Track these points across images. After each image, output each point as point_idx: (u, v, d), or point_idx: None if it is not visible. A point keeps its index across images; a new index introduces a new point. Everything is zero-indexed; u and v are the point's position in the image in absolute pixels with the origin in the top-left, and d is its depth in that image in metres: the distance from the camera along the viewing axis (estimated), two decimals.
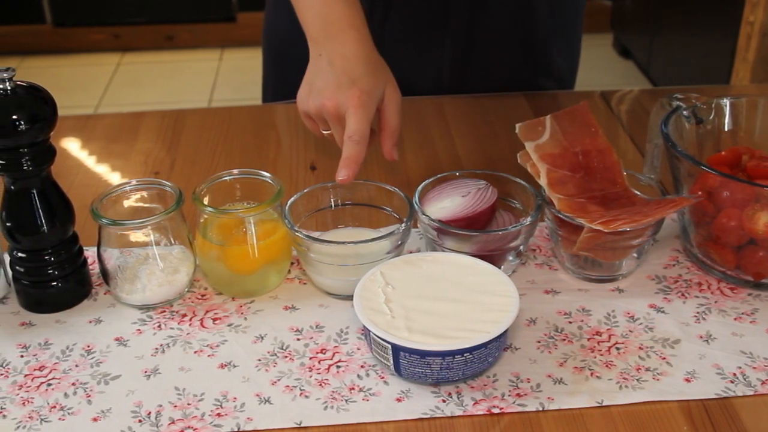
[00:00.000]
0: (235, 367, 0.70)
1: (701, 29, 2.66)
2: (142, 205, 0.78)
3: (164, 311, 0.76)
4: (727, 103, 0.87)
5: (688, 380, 0.68)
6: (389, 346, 0.65)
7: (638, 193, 0.79)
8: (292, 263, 0.81)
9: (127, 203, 0.78)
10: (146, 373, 0.70)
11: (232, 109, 1.14)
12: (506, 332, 0.67)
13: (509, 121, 0.90)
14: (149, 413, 0.66)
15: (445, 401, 0.66)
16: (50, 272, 0.75)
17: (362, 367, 0.70)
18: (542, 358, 0.71)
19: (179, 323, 0.75)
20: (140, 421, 0.65)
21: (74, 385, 0.68)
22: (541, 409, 0.66)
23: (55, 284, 0.76)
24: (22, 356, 0.71)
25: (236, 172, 0.80)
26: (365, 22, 0.85)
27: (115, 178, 0.99)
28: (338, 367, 0.70)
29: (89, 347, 0.72)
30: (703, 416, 0.65)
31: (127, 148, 1.04)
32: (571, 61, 1.21)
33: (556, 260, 0.82)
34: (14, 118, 0.68)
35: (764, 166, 0.78)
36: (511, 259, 0.78)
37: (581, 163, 0.79)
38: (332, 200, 0.82)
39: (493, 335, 0.65)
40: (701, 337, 0.73)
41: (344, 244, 0.75)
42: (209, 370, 0.70)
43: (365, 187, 0.82)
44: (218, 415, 0.65)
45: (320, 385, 0.68)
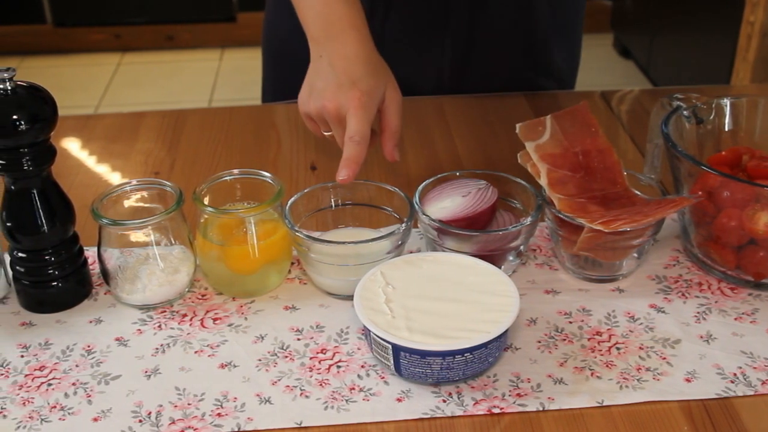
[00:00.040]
0: (235, 367, 0.70)
1: (701, 29, 2.66)
2: (142, 205, 0.78)
3: (164, 311, 0.76)
4: (727, 103, 0.87)
5: (688, 380, 0.68)
6: (390, 346, 0.65)
7: (638, 193, 0.79)
8: (292, 263, 0.81)
9: (127, 203, 0.78)
10: (146, 373, 0.70)
11: (232, 109, 1.14)
12: (507, 332, 0.67)
13: (509, 121, 0.90)
14: (149, 413, 0.66)
15: (445, 401, 0.66)
16: (50, 272, 0.75)
17: (362, 367, 0.70)
18: (542, 358, 0.71)
19: (179, 323, 0.75)
20: (140, 421, 0.65)
21: (74, 385, 0.68)
22: (541, 409, 0.66)
23: (55, 284, 0.76)
24: (22, 356, 0.72)
25: (236, 172, 0.80)
26: (366, 22, 0.85)
27: (115, 178, 0.99)
28: (339, 367, 0.70)
29: (89, 347, 0.72)
30: (703, 416, 0.65)
31: (127, 148, 1.04)
32: (571, 61, 1.21)
33: (556, 260, 0.82)
34: (14, 118, 0.68)
35: (764, 166, 0.78)
36: (511, 259, 0.78)
37: (581, 163, 0.79)
38: (332, 200, 0.82)
39: (493, 335, 0.65)
40: (701, 337, 0.73)
41: (344, 244, 0.75)
42: (210, 370, 0.70)
43: (365, 187, 0.82)
44: (218, 415, 0.65)
45: (320, 385, 0.68)
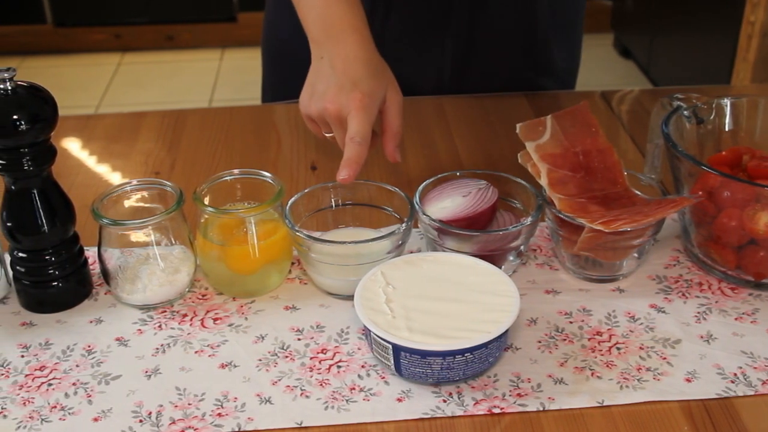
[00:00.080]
0: (235, 367, 0.70)
1: (702, 29, 2.66)
2: (142, 205, 0.78)
3: (165, 311, 0.76)
4: (727, 103, 0.87)
5: (688, 380, 0.68)
6: (390, 346, 0.65)
7: (639, 193, 0.79)
8: (292, 263, 0.81)
9: (127, 203, 0.78)
10: (147, 373, 0.70)
11: (232, 109, 1.14)
12: (507, 332, 0.67)
13: (510, 121, 0.90)
14: (150, 413, 0.66)
15: (445, 401, 0.66)
16: (51, 272, 0.75)
17: (363, 367, 0.70)
18: (543, 358, 0.71)
19: (180, 323, 0.75)
20: (141, 421, 0.65)
21: (75, 385, 0.68)
22: (541, 409, 0.66)
23: (55, 284, 0.76)
24: (22, 356, 0.72)
25: (237, 172, 0.80)
26: (366, 23, 0.85)
27: (115, 178, 0.99)
28: (339, 367, 0.70)
29: (90, 347, 0.72)
30: (703, 416, 0.65)
31: (127, 148, 1.04)
32: (571, 61, 1.21)
33: (556, 260, 0.82)
34: (15, 118, 0.68)
35: (765, 166, 0.78)
36: (511, 259, 0.78)
37: (582, 163, 0.79)
38: (333, 200, 0.82)
39: (493, 335, 0.65)
40: (702, 337, 0.73)
41: (345, 244, 0.75)
42: (210, 370, 0.70)
43: (366, 187, 0.82)
44: (219, 415, 0.65)
45: (321, 385, 0.68)
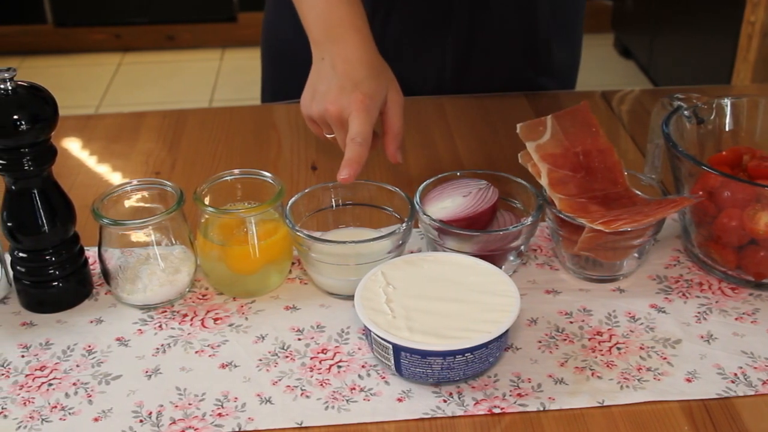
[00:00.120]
0: (236, 367, 0.70)
1: (702, 29, 2.66)
2: (143, 205, 0.78)
3: (165, 311, 0.76)
4: (728, 103, 0.87)
5: (689, 380, 0.68)
6: (390, 346, 0.65)
7: (639, 193, 0.79)
8: (293, 263, 0.81)
9: (128, 203, 0.78)
10: (147, 373, 0.70)
11: (233, 109, 1.14)
12: (507, 332, 0.67)
13: (510, 121, 0.90)
14: (150, 413, 0.66)
15: (446, 401, 0.66)
16: (51, 272, 0.75)
17: (363, 367, 0.70)
18: (543, 358, 0.71)
19: (180, 323, 0.75)
20: (141, 421, 0.65)
21: (75, 385, 0.68)
22: (542, 409, 0.66)
23: (56, 284, 0.76)
24: (23, 356, 0.72)
25: (237, 172, 0.80)
26: (367, 23, 0.85)
27: (116, 178, 0.99)
28: (339, 367, 0.70)
29: (90, 347, 0.72)
30: (704, 416, 0.65)
31: (128, 148, 1.04)
32: (571, 60, 1.21)
33: (557, 260, 0.82)
34: (15, 118, 0.68)
35: (765, 166, 0.78)
36: (512, 259, 0.78)
37: (582, 163, 0.79)
38: (333, 200, 0.82)
39: (494, 335, 0.65)
40: (702, 337, 0.73)
41: (345, 243, 0.75)
42: (210, 370, 0.70)
43: (366, 187, 0.82)
44: (219, 415, 0.65)
45: (321, 385, 0.68)
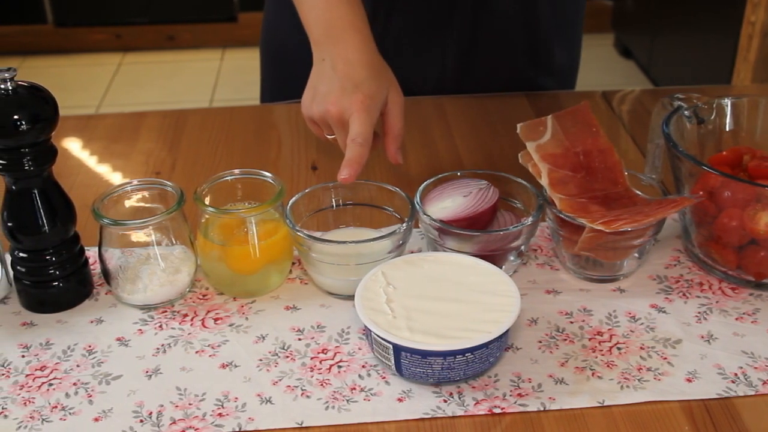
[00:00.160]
0: (236, 367, 0.70)
1: (702, 29, 2.66)
2: (143, 205, 0.78)
3: (165, 311, 0.76)
4: (728, 103, 0.87)
5: (689, 380, 0.68)
6: (390, 346, 0.65)
7: (639, 193, 0.79)
8: (293, 263, 0.81)
9: (128, 203, 0.78)
10: (147, 373, 0.70)
11: (233, 109, 1.14)
12: (507, 332, 0.67)
13: (510, 121, 0.90)
14: (150, 413, 0.66)
15: (446, 401, 0.66)
16: (51, 272, 0.75)
17: (363, 367, 0.70)
18: (543, 358, 0.71)
19: (180, 323, 0.75)
20: (141, 421, 0.65)
21: (75, 385, 0.68)
22: (542, 409, 0.66)
23: (56, 284, 0.76)
24: (23, 356, 0.72)
25: (237, 172, 0.80)
26: (368, 24, 0.85)
27: (116, 178, 0.99)
28: (339, 367, 0.70)
29: (90, 347, 0.72)
30: (704, 416, 0.65)
31: (128, 148, 1.04)
32: (571, 60, 1.21)
33: (557, 260, 0.82)
34: (16, 118, 0.68)
35: (765, 166, 0.78)
36: (512, 259, 0.78)
37: (582, 163, 0.79)
38: (333, 200, 0.82)
39: (494, 335, 0.65)
40: (702, 337, 0.73)
41: (345, 243, 0.75)
42: (210, 370, 0.70)
43: (366, 187, 0.82)
44: (219, 415, 0.65)
45: (321, 385, 0.68)
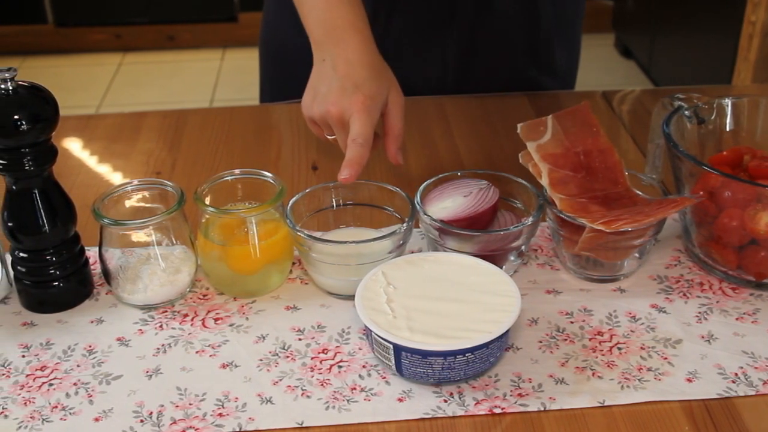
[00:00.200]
0: (236, 367, 0.70)
1: (703, 29, 2.66)
2: (143, 205, 0.78)
3: (166, 311, 0.76)
4: (728, 103, 0.87)
5: (689, 380, 0.68)
6: (391, 346, 0.65)
7: (640, 193, 0.79)
8: (293, 263, 0.81)
9: (128, 203, 0.78)
10: (148, 373, 0.70)
11: (233, 109, 1.14)
12: (508, 332, 0.67)
13: (511, 121, 0.90)
14: (151, 413, 0.66)
15: (446, 401, 0.66)
16: (52, 272, 0.75)
17: (364, 367, 0.70)
18: (544, 358, 0.71)
19: (181, 323, 0.75)
20: (142, 421, 0.65)
21: (76, 385, 0.68)
22: (542, 409, 0.66)
23: (56, 284, 0.76)
24: (23, 356, 0.72)
25: (238, 172, 0.80)
26: (368, 24, 0.85)
27: (116, 178, 0.99)
28: (340, 367, 0.70)
29: (91, 347, 0.72)
30: (704, 416, 0.65)
31: (128, 148, 1.04)
32: (571, 60, 1.21)
33: (557, 260, 0.82)
34: (16, 118, 0.68)
35: (766, 166, 0.78)
36: (512, 259, 0.78)
37: (583, 163, 0.79)
38: (334, 200, 0.82)
39: (494, 335, 0.65)
40: (703, 337, 0.73)
41: (346, 243, 0.75)
42: (211, 370, 0.70)
43: (367, 187, 0.82)
44: (220, 415, 0.65)
45: (322, 385, 0.68)
